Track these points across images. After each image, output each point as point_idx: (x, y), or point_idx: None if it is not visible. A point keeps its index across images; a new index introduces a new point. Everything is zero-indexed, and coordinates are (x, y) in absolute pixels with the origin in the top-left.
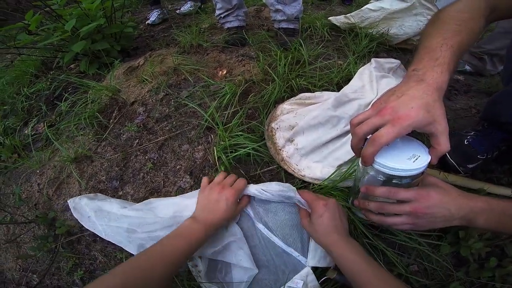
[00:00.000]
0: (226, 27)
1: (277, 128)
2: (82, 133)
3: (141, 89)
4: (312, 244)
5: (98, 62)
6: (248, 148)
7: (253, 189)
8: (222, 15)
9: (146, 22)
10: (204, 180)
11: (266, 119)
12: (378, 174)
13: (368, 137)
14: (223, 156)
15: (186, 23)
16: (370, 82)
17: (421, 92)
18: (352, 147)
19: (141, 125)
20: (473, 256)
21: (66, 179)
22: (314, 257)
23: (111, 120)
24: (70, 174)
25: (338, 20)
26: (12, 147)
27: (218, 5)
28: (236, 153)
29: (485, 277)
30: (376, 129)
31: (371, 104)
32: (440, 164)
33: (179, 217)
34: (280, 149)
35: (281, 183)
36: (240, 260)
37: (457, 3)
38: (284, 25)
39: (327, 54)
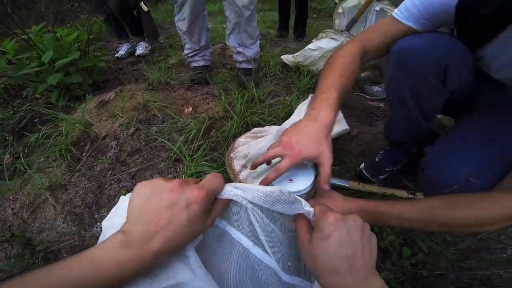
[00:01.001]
0: (192, 65)
1: (235, 157)
2: (54, 164)
3: (112, 123)
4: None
5: (69, 94)
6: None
7: (232, 190)
8: (189, 55)
9: (115, 55)
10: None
11: (226, 150)
12: None
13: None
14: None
15: (154, 59)
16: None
17: (314, 130)
18: (256, 162)
19: (114, 158)
20: (393, 248)
21: (42, 204)
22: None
23: (84, 153)
24: (45, 200)
25: (287, 59)
26: None
27: (187, 46)
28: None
29: (407, 265)
30: (277, 156)
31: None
32: (360, 178)
33: None
34: (237, 174)
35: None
36: None
37: (342, 49)
38: (244, 65)
39: (277, 91)
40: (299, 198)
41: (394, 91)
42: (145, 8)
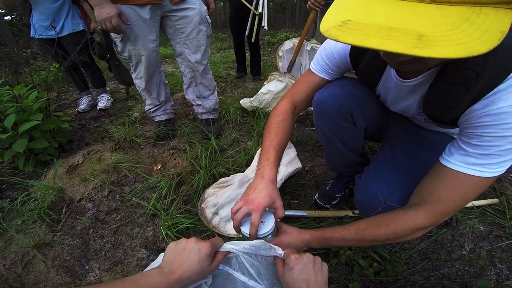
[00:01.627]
0: (156, 120)
1: (206, 207)
2: (34, 225)
3: (85, 187)
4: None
5: (35, 159)
6: (186, 223)
7: (229, 245)
8: (151, 110)
9: (77, 109)
10: None
11: (198, 201)
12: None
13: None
14: (169, 232)
15: (117, 112)
16: None
17: (263, 186)
18: (234, 228)
19: (93, 217)
20: (355, 261)
21: (31, 260)
22: None
23: (62, 215)
24: (34, 256)
25: (245, 104)
26: None
27: (147, 101)
28: (178, 228)
29: (371, 275)
30: (245, 214)
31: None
32: (316, 206)
33: None
34: (210, 221)
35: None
36: None
37: (276, 108)
38: (205, 116)
39: (240, 138)
40: (274, 246)
41: (320, 134)
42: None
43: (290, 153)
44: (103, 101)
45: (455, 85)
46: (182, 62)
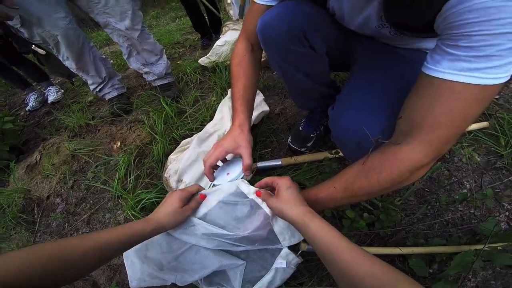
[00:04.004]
0: (107, 98)
1: (169, 176)
2: (13, 232)
3: (49, 183)
4: (277, 229)
5: None
6: (151, 199)
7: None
8: (97, 89)
9: (26, 109)
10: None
11: (162, 172)
12: None
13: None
14: (133, 211)
15: (69, 101)
16: (229, 111)
17: (233, 132)
18: (206, 174)
19: (64, 212)
20: (343, 213)
21: None
22: (284, 239)
23: (35, 216)
24: None
25: (203, 61)
26: None
27: (89, 81)
28: (143, 205)
29: (363, 228)
30: (211, 157)
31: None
32: (290, 151)
33: None
34: (175, 190)
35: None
36: (221, 262)
37: (234, 52)
38: (159, 82)
39: (202, 95)
40: (242, 188)
41: (276, 67)
42: (40, 51)
43: (257, 98)
44: (52, 94)
45: None
46: (112, 32)
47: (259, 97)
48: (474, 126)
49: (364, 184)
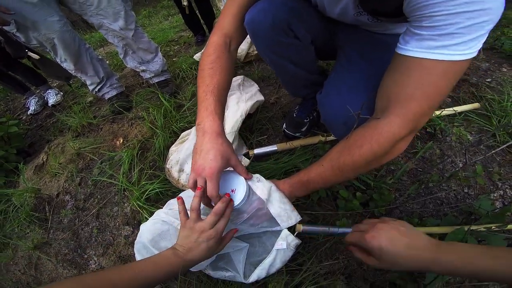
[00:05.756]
0: (106, 98)
1: (170, 167)
2: (28, 230)
3: (57, 181)
4: (273, 212)
5: (2, 170)
6: (155, 189)
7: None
8: (96, 89)
9: (28, 113)
10: (180, 206)
11: (164, 163)
12: None
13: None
14: (139, 202)
15: (70, 103)
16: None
17: (209, 144)
18: (204, 202)
19: (74, 208)
20: (338, 194)
21: (38, 261)
22: (282, 221)
23: (47, 213)
24: (39, 257)
25: (198, 57)
26: None
27: (87, 81)
28: (148, 195)
29: (357, 207)
30: (203, 185)
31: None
32: (285, 137)
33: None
34: (178, 180)
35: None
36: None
37: (206, 47)
38: (156, 79)
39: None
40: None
41: (266, 58)
42: (35, 56)
43: (252, 89)
44: (52, 97)
45: None
46: (107, 33)
47: (255, 87)
48: (465, 107)
49: (348, 160)
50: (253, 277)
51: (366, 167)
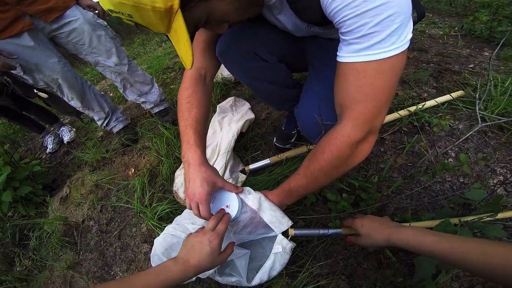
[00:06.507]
0: (114, 131)
1: (177, 189)
2: (61, 253)
3: (81, 210)
4: (266, 219)
5: (31, 203)
6: (165, 210)
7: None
8: (104, 124)
9: (47, 152)
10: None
11: (172, 186)
12: None
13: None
14: (153, 221)
15: (83, 139)
16: (219, 125)
17: (194, 173)
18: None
19: (98, 231)
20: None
21: (72, 280)
22: (275, 227)
23: (76, 238)
24: (73, 276)
25: None
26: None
27: (95, 117)
28: (159, 215)
29: (347, 208)
30: (197, 208)
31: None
32: (276, 150)
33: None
34: (184, 200)
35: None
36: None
37: (183, 82)
38: (156, 109)
39: None
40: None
41: (243, 81)
42: (43, 95)
43: (244, 108)
44: (66, 134)
45: None
46: (104, 69)
47: (246, 106)
48: (447, 97)
49: (316, 166)
50: (255, 281)
51: (336, 171)
